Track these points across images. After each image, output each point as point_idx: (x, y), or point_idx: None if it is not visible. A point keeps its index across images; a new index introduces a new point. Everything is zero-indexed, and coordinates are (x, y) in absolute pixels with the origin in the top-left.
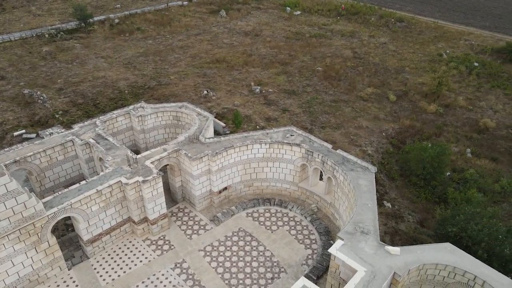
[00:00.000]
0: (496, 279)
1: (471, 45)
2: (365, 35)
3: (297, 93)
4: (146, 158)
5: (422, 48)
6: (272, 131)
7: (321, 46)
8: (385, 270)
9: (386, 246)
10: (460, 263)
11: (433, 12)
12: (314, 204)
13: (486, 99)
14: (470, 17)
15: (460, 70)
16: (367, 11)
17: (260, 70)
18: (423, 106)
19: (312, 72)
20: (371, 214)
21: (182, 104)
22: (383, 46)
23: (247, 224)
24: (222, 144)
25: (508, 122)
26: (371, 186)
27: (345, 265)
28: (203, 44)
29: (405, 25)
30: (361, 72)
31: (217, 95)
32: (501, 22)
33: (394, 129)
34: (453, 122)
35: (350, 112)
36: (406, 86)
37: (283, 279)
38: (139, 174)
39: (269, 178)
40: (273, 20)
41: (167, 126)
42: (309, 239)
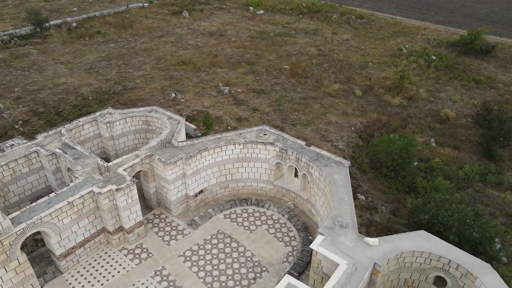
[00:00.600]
0: (469, 261)
1: (428, 39)
2: (328, 32)
3: (265, 92)
4: (118, 166)
5: (383, 44)
6: (245, 131)
7: (286, 44)
8: (365, 262)
9: (365, 238)
10: (434, 249)
11: (390, 8)
12: (291, 202)
13: (445, 90)
14: (425, 13)
15: (419, 63)
16: (328, 9)
17: (227, 70)
18: (388, 99)
19: (279, 70)
20: (348, 208)
21: (151, 108)
22: (346, 42)
23: (226, 225)
24: (195, 147)
25: (466, 112)
26: (346, 180)
27: (327, 260)
28: (168, 46)
29: (365, 22)
30: (327, 69)
31: (185, 98)
32: (453, 17)
33: (362, 123)
34: (416, 114)
35: (319, 109)
36: (371, 81)
37: (265, 278)
38: (112, 183)
39: (245, 178)
40: (237, 20)
41: (137, 132)
42: (288, 237)
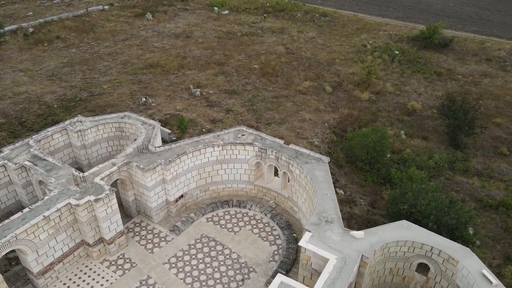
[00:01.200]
0: (449, 246)
1: (390, 35)
2: (294, 31)
3: (237, 92)
4: (95, 175)
5: (348, 40)
6: (223, 132)
7: (253, 44)
8: (353, 255)
9: (351, 232)
10: (417, 237)
11: (352, 5)
12: (272, 201)
13: (410, 83)
14: (384, 9)
15: (384, 58)
16: (292, 8)
17: (197, 72)
18: (357, 94)
19: (249, 70)
20: (332, 203)
21: (124, 114)
22: (312, 40)
23: (209, 229)
24: (174, 152)
25: (431, 103)
26: (327, 176)
27: (316, 256)
28: (133, 49)
29: (329, 20)
30: (296, 67)
31: (156, 102)
32: (410, 12)
33: (334, 119)
34: (385, 107)
35: (291, 107)
36: (339, 77)
37: (253, 278)
38: (89, 193)
39: (225, 180)
40: (202, 20)
41: (110, 139)
42: (273, 235)
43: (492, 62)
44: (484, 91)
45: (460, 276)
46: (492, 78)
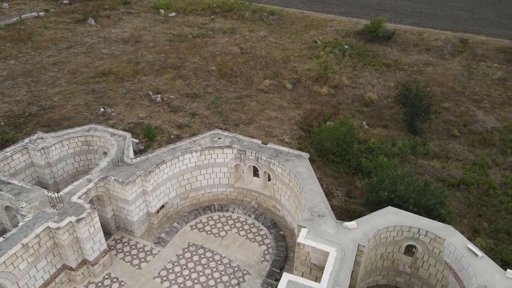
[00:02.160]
0: (434, 226)
1: (337, 30)
2: (245, 30)
3: (199, 96)
4: (71, 194)
5: (298, 37)
6: (198, 137)
7: (207, 45)
8: (350, 245)
9: (344, 223)
10: (404, 221)
11: (296, 3)
12: (254, 201)
13: (363, 76)
14: (327, 6)
15: (335, 53)
16: (239, 7)
17: (153, 77)
18: (317, 90)
19: (207, 72)
20: (320, 197)
21: (89, 126)
22: (264, 39)
23: (195, 237)
24: (151, 162)
25: (385, 93)
26: (310, 172)
27: (315, 250)
28: (80, 57)
29: (277, 18)
30: (254, 66)
31: (116, 111)
32: (352, 8)
33: (299, 115)
34: (344, 100)
35: (256, 106)
36: (297, 74)
37: (248, 281)
38: (69, 214)
39: (204, 186)
40: (150, 24)
41: (76, 154)
42: (260, 236)
43: (431, 51)
44: (430, 79)
45: (448, 253)
46: (434, 66)
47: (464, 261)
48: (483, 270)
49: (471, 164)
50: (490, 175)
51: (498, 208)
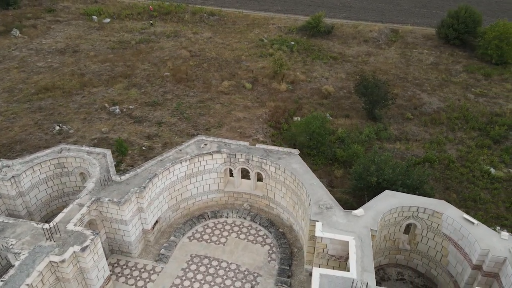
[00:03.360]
0: (430, 203)
1: (279, 27)
2: (189, 32)
3: (159, 103)
4: (65, 222)
5: (244, 37)
6: (184, 146)
7: (153, 50)
8: (364, 231)
9: (352, 212)
10: (403, 202)
11: (232, 3)
12: (246, 203)
13: (315, 70)
14: (263, 4)
15: (284, 50)
16: (177, 10)
17: (104, 88)
18: (276, 87)
19: (161, 78)
20: (322, 190)
21: (60, 148)
22: (211, 40)
23: (196, 247)
24: (142, 176)
25: (339, 85)
26: (305, 167)
27: (333, 242)
28: (13, 73)
29: (218, 18)
30: (208, 69)
31: (73, 128)
32: (287, 5)
33: (266, 113)
34: (304, 95)
35: (221, 108)
36: (253, 73)
37: (262, 283)
38: (70, 244)
39: (194, 195)
40: (85, 32)
41: (49, 179)
42: (260, 236)
43: (369, 42)
44: (375, 68)
45: (446, 225)
46: (375, 56)
47: (464, 230)
48: (482, 235)
49: (429, 143)
50: (447, 150)
51: (460, 180)
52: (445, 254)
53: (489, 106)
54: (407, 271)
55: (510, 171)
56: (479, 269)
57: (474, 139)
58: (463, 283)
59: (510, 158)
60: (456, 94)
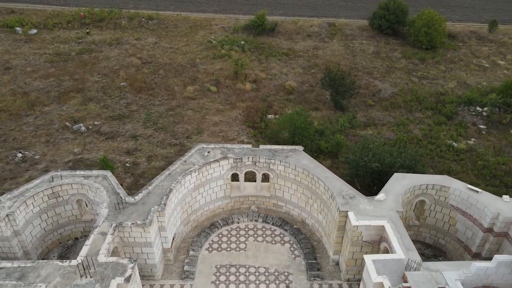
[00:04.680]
0: (435, 179)
1: (223, 28)
2: (131, 39)
3: (126, 116)
4: (94, 254)
5: (191, 39)
6: (187, 156)
7: (99, 61)
8: (393, 214)
9: (375, 197)
10: (414, 182)
11: (167, 5)
12: (253, 205)
13: (271, 67)
14: (199, 5)
15: (235, 50)
16: (112, 16)
17: (57, 106)
18: (240, 87)
19: (119, 89)
20: (339, 181)
21: (50, 176)
22: (157, 45)
23: (218, 258)
24: (155, 193)
25: (300, 80)
26: (314, 162)
27: (368, 228)
28: None
29: (157, 22)
30: (165, 75)
31: (38, 153)
32: (223, 6)
33: (240, 114)
34: (269, 92)
35: (194, 114)
36: (214, 75)
37: (294, 280)
38: (110, 277)
39: (202, 205)
40: (11, 45)
41: (42, 212)
42: (278, 236)
43: (312, 37)
44: (326, 61)
45: (453, 197)
46: (323, 49)
47: (471, 198)
48: (488, 201)
49: (395, 126)
50: (412, 130)
51: (431, 155)
52: (453, 223)
53: (433, 87)
54: (416, 245)
55: (468, 142)
56: (490, 231)
57: (431, 117)
58: (475, 246)
59: (465, 131)
60: (402, 79)
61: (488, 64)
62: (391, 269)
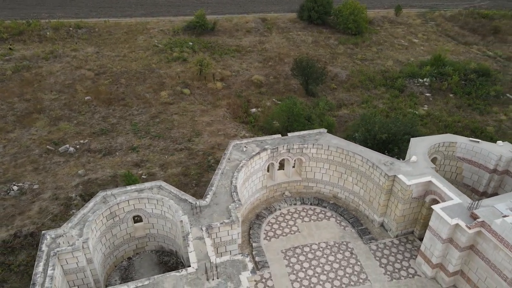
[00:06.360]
0: (441, 138)
1: (162, 31)
2: (68, 50)
3: (109, 130)
4: (204, 259)
5: (134, 45)
6: (228, 154)
7: (43, 77)
8: (430, 171)
9: (410, 159)
10: (430, 142)
11: (86, 12)
12: (286, 191)
13: (230, 65)
14: (124, 11)
15: (186, 52)
16: (33, 28)
17: (23, 130)
18: (212, 86)
19: (86, 104)
20: (373, 153)
21: (102, 196)
22: (101, 55)
23: (279, 244)
24: (220, 192)
25: (263, 73)
26: (343, 140)
27: (418, 185)
28: None
29: (87, 31)
30: (129, 84)
31: (34, 182)
32: (149, 9)
33: (226, 111)
34: (240, 88)
35: (181, 118)
36: (180, 78)
37: (354, 247)
38: (234, 274)
39: (246, 198)
40: None
41: (102, 235)
42: (321, 213)
43: (252, 32)
44: (277, 53)
45: (460, 150)
46: (268, 43)
47: (476, 148)
48: (489, 148)
49: (362, 103)
50: (377, 105)
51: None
52: (460, 172)
53: (376, 66)
54: None
55: (424, 108)
56: (494, 171)
57: (386, 92)
58: (482, 186)
59: (417, 100)
60: (348, 62)
61: (406, 43)
62: (456, 212)
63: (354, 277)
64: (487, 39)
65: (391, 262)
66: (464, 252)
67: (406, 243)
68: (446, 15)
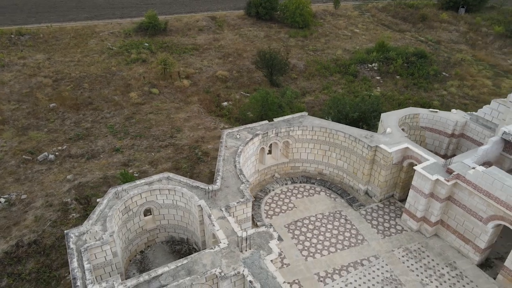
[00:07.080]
0: (407, 111)
1: (112, 33)
2: (15, 59)
3: (85, 135)
4: (231, 235)
5: (86, 50)
6: (223, 143)
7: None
8: (404, 139)
9: (387, 130)
10: (398, 115)
11: (23, 18)
12: (275, 173)
13: (191, 62)
14: (64, 15)
15: (144, 52)
16: None
17: None
18: (180, 85)
19: (52, 111)
20: (353, 129)
21: (114, 191)
22: (54, 61)
23: (281, 220)
24: (228, 176)
25: (225, 68)
26: (324, 120)
27: (397, 152)
28: None
29: (31, 37)
30: (92, 88)
31: (21, 192)
32: (92, 12)
33: (199, 107)
34: (207, 84)
35: (157, 117)
36: (145, 79)
37: (347, 214)
38: (265, 243)
39: None
40: None
41: (120, 230)
42: (311, 189)
43: (204, 31)
44: (235, 49)
45: (422, 120)
46: (222, 40)
47: (436, 117)
48: (446, 116)
49: (323, 89)
50: (337, 90)
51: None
52: (423, 140)
53: (328, 56)
54: None
55: (377, 90)
56: (452, 136)
57: (342, 78)
58: (443, 150)
59: (371, 83)
60: (302, 54)
61: (349, 33)
62: (434, 170)
63: (353, 239)
64: (417, 26)
65: (380, 222)
66: (443, 203)
67: (389, 205)
68: (378, 7)
